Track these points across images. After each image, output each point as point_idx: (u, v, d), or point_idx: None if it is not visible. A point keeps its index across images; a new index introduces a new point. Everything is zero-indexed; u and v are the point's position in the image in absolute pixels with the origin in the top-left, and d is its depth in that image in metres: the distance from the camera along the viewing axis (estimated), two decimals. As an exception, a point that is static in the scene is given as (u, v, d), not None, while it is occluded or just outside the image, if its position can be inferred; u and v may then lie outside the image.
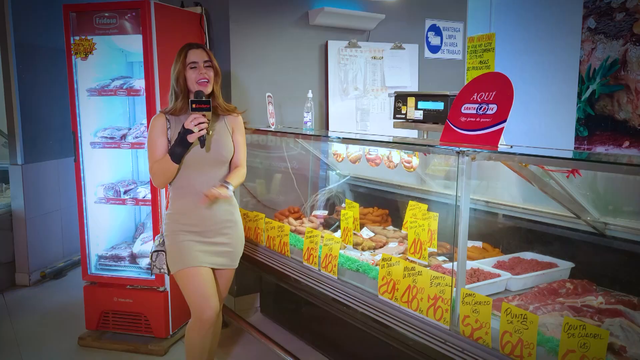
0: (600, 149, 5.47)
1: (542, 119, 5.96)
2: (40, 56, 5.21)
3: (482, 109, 2.38)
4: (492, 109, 2.34)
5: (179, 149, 2.66)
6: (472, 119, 2.41)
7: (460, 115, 2.48)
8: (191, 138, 2.61)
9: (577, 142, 5.70)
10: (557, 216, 2.84)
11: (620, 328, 2.01)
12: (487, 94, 2.39)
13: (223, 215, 2.86)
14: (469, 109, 2.45)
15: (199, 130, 2.60)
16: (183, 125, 2.63)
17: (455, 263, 2.29)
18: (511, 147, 2.34)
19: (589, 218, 2.67)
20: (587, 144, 5.61)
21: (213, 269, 2.87)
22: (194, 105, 2.63)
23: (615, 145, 5.35)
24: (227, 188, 2.74)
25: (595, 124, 5.49)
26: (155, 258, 2.88)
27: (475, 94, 2.45)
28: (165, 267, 2.87)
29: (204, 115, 2.62)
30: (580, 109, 5.61)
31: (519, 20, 6.16)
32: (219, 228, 2.85)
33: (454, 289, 2.24)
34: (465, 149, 2.22)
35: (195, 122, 2.59)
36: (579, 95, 5.61)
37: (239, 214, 2.98)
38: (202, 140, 2.65)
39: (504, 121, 2.28)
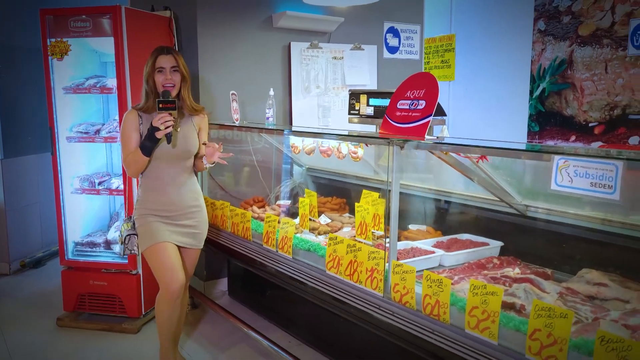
0: (549, 143, 5.84)
1: (497, 115, 6.32)
2: (17, 57, 5.43)
3: (414, 104, 2.71)
4: (422, 104, 2.67)
5: (148, 143, 2.94)
6: (405, 114, 2.74)
7: (396, 110, 2.80)
8: (159, 135, 2.88)
9: (530, 137, 6.07)
10: (491, 201, 3.17)
11: (523, 291, 2.35)
12: (418, 91, 2.72)
13: (189, 201, 3.16)
14: (403, 104, 2.77)
15: (165, 128, 2.85)
16: (151, 123, 2.89)
17: (387, 239, 2.62)
18: (437, 138, 2.66)
19: (512, 201, 3.01)
20: (538, 139, 5.98)
21: (180, 248, 3.16)
22: (160, 105, 2.87)
23: (563, 139, 5.72)
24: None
25: (546, 120, 5.86)
26: (128, 241, 3.18)
27: (409, 92, 2.77)
28: (136, 248, 3.19)
29: (170, 114, 2.86)
30: (531, 106, 5.98)
31: (476, 22, 6.52)
32: (185, 213, 3.14)
33: (387, 263, 2.57)
34: (394, 139, 2.54)
35: (161, 120, 2.84)
36: (531, 92, 5.98)
37: (203, 200, 3.29)
38: (169, 137, 2.90)
39: (431, 115, 2.60)
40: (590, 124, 5.41)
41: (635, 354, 1.63)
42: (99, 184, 4.06)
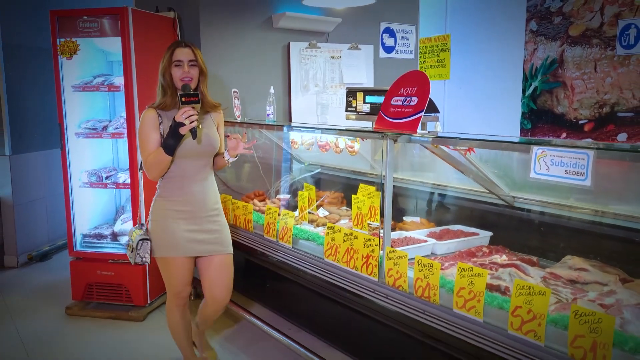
0: (541, 140, 6.00)
1: (491, 112, 6.48)
2: (25, 56, 5.58)
3: (407, 101, 2.87)
4: (414, 101, 2.82)
5: (171, 141, 2.77)
6: (399, 109, 2.89)
7: (390, 106, 2.96)
8: (183, 130, 2.72)
9: (522, 134, 6.23)
10: (481, 193, 3.33)
11: (508, 275, 2.52)
12: (410, 88, 2.87)
13: (212, 204, 3.05)
14: (397, 101, 2.93)
15: (190, 123, 2.71)
16: (174, 119, 2.74)
17: (381, 228, 2.79)
18: (428, 132, 2.83)
19: (500, 193, 3.18)
20: (530, 136, 6.15)
21: (203, 257, 3.07)
22: (183, 99, 2.74)
23: (554, 136, 5.89)
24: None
25: (538, 118, 6.03)
26: (140, 246, 2.94)
27: (402, 89, 2.93)
28: (147, 256, 2.95)
29: (193, 108, 2.74)
30: (524, 104, 6.14)
31: (471, 23, 6.68)
32: (207, 215, 3.02)
33: (381, 250, 2.73)
34: (388, 133, 2.71)
35: (185, 115, 2.69)
36: (523, 91, 6.14)
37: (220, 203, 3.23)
38: (194, 132, 2.76)
39: (422, 111, 2.76)
40: (580, 122, 5.58)
41: (605, 325, 1.79)
42: (106, 178, 4.22)
